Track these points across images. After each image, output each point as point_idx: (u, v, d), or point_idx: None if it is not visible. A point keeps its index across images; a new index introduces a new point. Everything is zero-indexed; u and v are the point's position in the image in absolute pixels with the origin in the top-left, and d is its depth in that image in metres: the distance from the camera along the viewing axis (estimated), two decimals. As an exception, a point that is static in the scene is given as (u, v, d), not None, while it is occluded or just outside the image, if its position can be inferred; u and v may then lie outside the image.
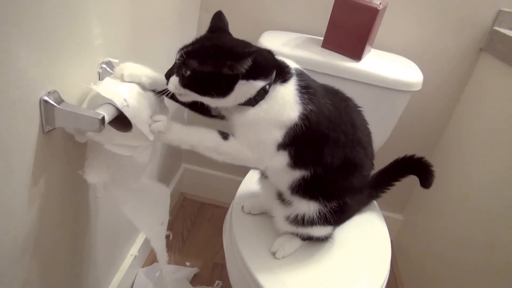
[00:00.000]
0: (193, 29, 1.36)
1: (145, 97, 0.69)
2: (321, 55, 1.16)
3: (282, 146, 0.73)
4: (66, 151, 0.71)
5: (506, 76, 1.16)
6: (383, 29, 1.24)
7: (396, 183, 1.08)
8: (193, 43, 0.69)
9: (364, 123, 0.87)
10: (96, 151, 0.72)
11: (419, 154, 1.02)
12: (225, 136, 0.72)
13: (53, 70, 0.60)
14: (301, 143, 0.74)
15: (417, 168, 1.02)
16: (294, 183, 0.82)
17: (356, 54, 1.16)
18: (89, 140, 0.70)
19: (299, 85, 0.73)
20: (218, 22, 0.76)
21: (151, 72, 0.72)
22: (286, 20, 1.36)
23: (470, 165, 1.28)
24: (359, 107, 0.87)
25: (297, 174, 0.80)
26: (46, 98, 0.59)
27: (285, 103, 0.71)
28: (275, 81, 0.71)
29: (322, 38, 1.21)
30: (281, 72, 0.73)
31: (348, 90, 0.86)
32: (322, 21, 1.20)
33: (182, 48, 0.68)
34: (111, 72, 0.74)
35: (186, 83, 0.66)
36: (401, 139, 1.40)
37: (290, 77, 0.73)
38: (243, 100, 0.69)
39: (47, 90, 0.60)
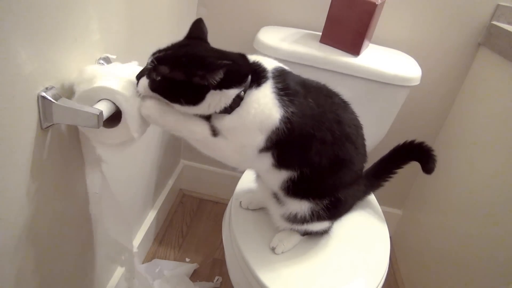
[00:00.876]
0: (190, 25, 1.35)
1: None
2: (319, 50, 1.16)
3: (265, 149, 0.73)
4: (65, 147, 0.71)
5: (505, 70, 1.17)
6: (381, 24, 1.24)
7: (398, 170, 1.06)
8: (166, 49, 0.68)
9: (352, 117, 0.85)
10: None
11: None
12: (215, 132, 0.72)
13: (50, 66, 0.60)
14: (284, 145, 0.73)
15: (418, 153, 1.00)
16: (284, 184, 0.82)
17: (355, 49, 1.16)
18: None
19: (277, 88, 0.71)
20: (197, 30, 0.74)
21: None
22: (284, 15, 1.36)
23: (468, 160, 1.28)
24: (346, 102, 0.85)
25: (284, 174, 0.80)
26: (43, 94, 0.59)
27: (262, 107, 0.69)
28: (250, 86, 0.70)
29: (320, 33, 1.21)
30: (257, 77, 0.71)
31: (346, 85, 0.86)
32: (320, 16, 1.20)
33: (155, 53, 0.67)
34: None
35: (155, 87, 0.65)
36: (399, 134, 1.39)
37: (265, 80, 0.71)
38: (218, 109, 0.68)
39: (45, 86, 0.59)
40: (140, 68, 0.69)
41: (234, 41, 1.42)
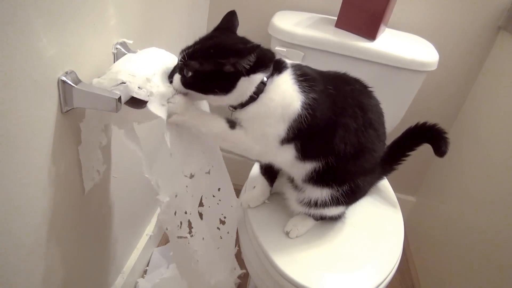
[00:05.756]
0: (204, 10, 1.35)
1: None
2: (334, 35, 1.15)
3: (286, 140, 0.74)
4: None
5: (525, 55, 1.14)
6: (398, 7, 1.21)
7: (411, 153, 1.04)
8: (194, 44, 0.70)
9: (374, 103, 0.85)
10: None
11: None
12: (232, 125, 0.74)
13: (70, 50, 0.61)
14: (307, 135, 0.74)
15: (430, 136, 0.98)
16: (307, 176, 0.83)
17: (371, 33, 1.14)
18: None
19: (296, 74, 0.74)
20: (227, 22, 0.77)
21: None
22: (299, -1, 1.34)
23: (484, 148, 1.26)
24: (368, 87, 0.85)
25: (308, 166, 0.80)
26: (64, 78, 0.60)
27: (284, 93, 0.71)
28: (272, 74, 0.73)
29: (336, 18, 1.19)
30: (277, 66, 0.74)
31: (362, 70, 0.85)
32: (336, 0, 1.18)
33: (184, 50, 0.69)
34: (126, 53, 0.75)
35: (187, 83, 0.68)
36: (414, 120, 1.37)
37: (285, 69, 0.74)
38: (244, 98, 0.71)
39: (65, 70, 0.60)
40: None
41: (248, 26, 1.40)
